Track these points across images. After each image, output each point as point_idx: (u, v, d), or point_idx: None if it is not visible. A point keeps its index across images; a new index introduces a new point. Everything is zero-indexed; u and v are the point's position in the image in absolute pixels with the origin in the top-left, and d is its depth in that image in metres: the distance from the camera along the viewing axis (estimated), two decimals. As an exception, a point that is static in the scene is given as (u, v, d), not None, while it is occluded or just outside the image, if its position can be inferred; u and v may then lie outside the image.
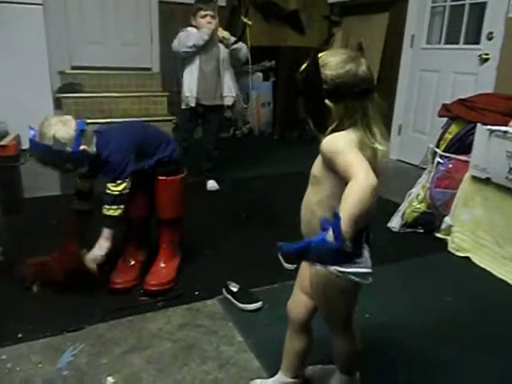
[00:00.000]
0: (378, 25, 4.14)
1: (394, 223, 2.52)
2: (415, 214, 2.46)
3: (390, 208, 2.69)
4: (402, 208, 2.54)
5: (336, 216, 0.90)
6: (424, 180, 2.50)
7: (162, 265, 1.87)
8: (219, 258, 2.13)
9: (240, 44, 3.02)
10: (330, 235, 0.90)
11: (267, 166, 3.78)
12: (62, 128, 1.62)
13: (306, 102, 1.06)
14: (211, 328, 1.61)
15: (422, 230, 2.48)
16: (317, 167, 1.07)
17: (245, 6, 4.73)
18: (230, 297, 1.76)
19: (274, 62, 4.91)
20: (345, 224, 0.89)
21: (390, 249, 2.29)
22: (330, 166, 1.01)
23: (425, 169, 2.58)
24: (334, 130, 1.01)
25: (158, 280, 1.79)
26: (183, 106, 3.02)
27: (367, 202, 0.90)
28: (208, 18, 2.89)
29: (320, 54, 1.03)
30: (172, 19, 4.75)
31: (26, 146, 2.59)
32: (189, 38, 2.88)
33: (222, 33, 2.93)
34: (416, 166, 3.48)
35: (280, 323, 1.63)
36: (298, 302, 1.25)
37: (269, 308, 1.74)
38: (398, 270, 2.10)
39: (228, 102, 3.04)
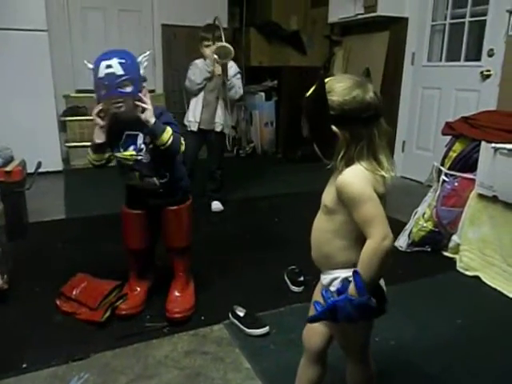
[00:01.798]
0: (378, 43, 4.18)
1: (401, 242, 2.49)
2: (422, 233, 2.43)
3: (396, 227, 2.63)
4: (408, 227, 2.52)
5: (356, 273, 0.94)
6: (430, 198, 2.48)
7: (179, 293, 1.84)
8: (225, 281, 2.11)
9: (231, 82, 3.05)
10: (352, 291, 0.94)
11: (271, 186, 3.78)
12: None
13: (312, 127, 1.06)
14: (218, 354, 1.59)
15: (429, 249, 2.45)
16: (330, 199, 1.05)
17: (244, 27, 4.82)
18: (236, 322, 1.73)
19: (276, 82, 4.95)
20: (366, 282, 0.94)
21: (398, 269, 2.26)
22: (346, 205, 1.00)
23: (431, 186, 2.57)
24: (341, 157, 1.00)
25: (180, 307, 1.77)
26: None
27: (386, 264, 0.95)
28: (212, 47, 2.94)
29: (327, 80, 1.02)
30: (175, 41, 4.82)
31: (31, 170, 2.62)
32: (196, 74, 2.99)
33: (218, 70, 2.99)
34: (420, 182, 3.47)
35: (288, 348, 1.62)
36: (314, 332, 1.22)
37: (276, 332, 1.71)
38: (406, 290, 2.06)
39: (217, 128, 3.05)
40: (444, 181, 2.40)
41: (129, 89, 1.54)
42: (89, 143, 1.73)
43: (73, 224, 2.79)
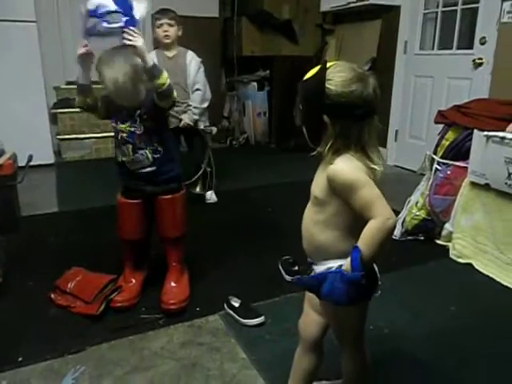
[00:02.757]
0: (371, 32, 4.16)
1: (394, 231, 2.51)
2: (415, 222, 2.45)
3: (390, 215, 2.67)
4: (401, 215, 2.53)
5: (355, 249, 0.94)
6: (423, 187, 2.49)
7: (174, 284, 1.84)
8: (219, 272, 2.11)
9: (195, 83, 3.05)
10: (346, 266, 0.94)
11: (264, 176, 3.77)
12: None
13: (304, 111, 1.04)
14: (214, 345, 1.59)
15: (422, 238, 2.47)
16: (319, 190, 1.04)
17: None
18: (231, 312, 1.74)
19: (268, 72, 4.92)
20: (364, 262, 0.93)
21: (392, 257, 2.27)
22: (339, 194, 0.99)
23: (423, 175, 2.58)
24: (328, 147, 0.99)
25: (176, 299, 1.77)
26: None
27: (387, 244, 0.95)
28: (165, 27, 2.78)
29: (329, 65, 0.99)
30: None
31: (22, 163, 2.59)
32: None
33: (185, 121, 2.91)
34: (413, 171, 3.49)
35: (283, 337, 1.63)
36: (310, 321, 1.23)
37: (271, 322, 1.72)
38: (400, 278, 2.08)
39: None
40: (437, 169, 2.41)
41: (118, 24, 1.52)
42: (80, 135, 1.72)
43: (65, 217, 2.77)
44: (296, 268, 2.03)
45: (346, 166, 0.98)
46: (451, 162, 2.37)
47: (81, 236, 2.47)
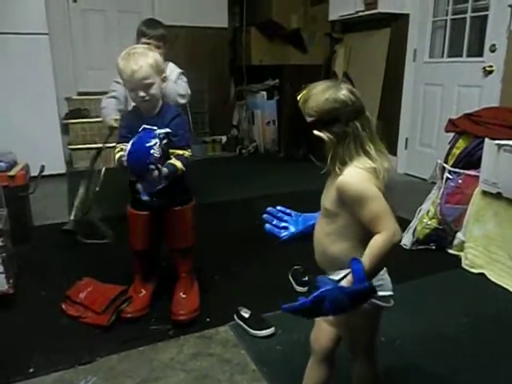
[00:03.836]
0: (379, 40, 4.17)
1: (405, 240, 2.49)
2: (426, 231, 2.42)
3: (400, 224, 2.65)
4: (412, 225, 2.51)
5: (355, 261, 0.95)
6: (434, 196, 2.47)
7: (184, 295, 1.85)
8: (229, 282, 2.11)
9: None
10: (347, 281, 0.95)
11: (274, 185, 3.77)
12: None
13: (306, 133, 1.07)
14: (224, 356, 1.59)
15: (434, 247, 2.45)
16: (329, 201, 1.05)
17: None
18: (241, 323, 1.73)
19: (277, 81, 4.94)
20: (368, 274, 0.94)
21: (403, 267, 2.24)
22: (349, 206, 1.00)
23: (434, 184, 2.56)
24: (332, 159, 1.02)
25: (186, 309, 1.77)
26: None
27: (390, 258, 0.98)
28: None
29: (307, 89, 1.06)
30: (176, 43, 4.81)
31: (34, 174, 2.62)
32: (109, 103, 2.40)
33: None
34: (424, 179, 3.47)
35: (294, 349, 1.62)
36: (322, 333, 1.22)
37: (282, 333, 1.71)
38: (411, 288, 2.06)
39: None
40: (448, 178, 2.39)
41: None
42: (92, 145, 1.74)
43: (77, 227, 2.78)
44: (306, 278, 2.02)
45: (354, 178, 0.99)
46: (462, 171, 2.35)
47: (92, 246, 2.48)
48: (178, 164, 1.65)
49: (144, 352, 1.61)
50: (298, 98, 1.06)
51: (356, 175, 1.00)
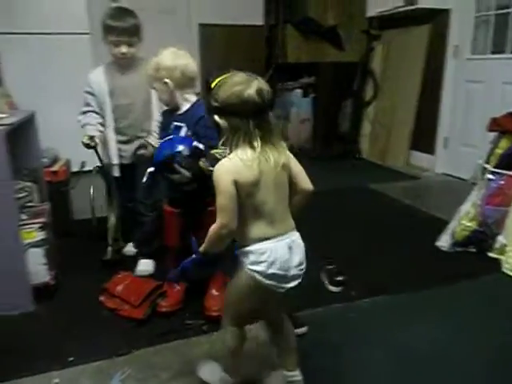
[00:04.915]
0: (419, 36, 4.06)
1: (443, 242, 2.42)
2: (466, 233, 2.35)
3: (438, 225, 2.60)
4: (451, 226, 2.44)
5: (192, 239, 1.27)
6: (474, 197, 2.39)
7: (217, 292, 1.86)
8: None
9: None
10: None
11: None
12: None
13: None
14: (255, 353, 1.59)
15: (473, 250, 2.37)
16: None
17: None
18: (274, 321, 1.73)
19: (313, 78, 4.90)
20: (204, 249, 1.25)
21: (439, 269, 2.21)
22: None
23: (475, 184, 2.48)
24: (223, 144, 1.20)
25: (219, 305, 1.76)
26: None
27: (218, 242, 1.22)
28: (122, 48, 2.02)
29: (225, 75, 1.21)
30: (212, 42, 4.86)
31: (75, 169, 2.71)
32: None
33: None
34: (464, 180, 3.36)
35: (325, 348, 1.61)
36: None
37: (313, 333, 1.70)
38: (448, 292, 2.01)
39: None
40: (489, 179, 2.31)
41: None
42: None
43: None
44: (340, 278, 2.00)
45: (219, 170, 1.17)
46: (505, 172, 2.27)
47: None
48: (202, 164, 1.64)
49: (178, 346, 1.64)
50: (214, 82, 1.20)
51: (221, 167, 1.17)
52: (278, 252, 1.21)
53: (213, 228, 1.19)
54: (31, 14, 3.63)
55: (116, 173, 2.19)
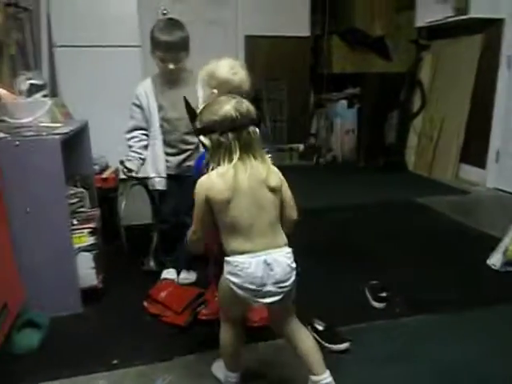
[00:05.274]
0: (470, 47, 3.94)
1: (494, 260, 2.32)
2: (519, 252, 2.24)
3: (489, 243, 2.49)
4: (503, 244, 2.33)
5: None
6: (528, 214, 2.28)
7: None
8: (301, 293, 2.07)
9: None
10: None
11: (351, 196, 3.70)
12: None
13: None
14: (296, 366, 1.57)
15: (527, 270, 2.26)
16: None
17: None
18: (315, 335, 1.71)
19: (358, 89, 4.85)
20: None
21: (488, 290, 2.12)
22: None
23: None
24: (212, 161, 1.28)
25: (259, 316, 1.78)
26: None
27: (192, 244, 1.38)
28: (171, 65, 2.04)
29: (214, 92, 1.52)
30: (258, 52, 4.91)
31: (123, 176, 2.79)
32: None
33: None
34: (518, 196, 3.22)
35: (367, 365, 1.58)
36: None
37: (356, 348, 1.67)
38: (499, 314, 1.91)
39: None
40: (545, 195, 2.20)
41: None
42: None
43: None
44: (384, 294, 1.95)
45: (199, 184, 1.28)
46: None
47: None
48: None
49: (219, 355, 1.65)
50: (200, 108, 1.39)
51: (202, 182, 1.28)
52: (250, 267, 1.25)
53: (188, 232, 1.37)
54: (86, 27, 3.81)
55: (162, 186, 2.18)
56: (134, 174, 2.11)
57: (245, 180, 1.25)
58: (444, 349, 1.67)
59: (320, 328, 1.71)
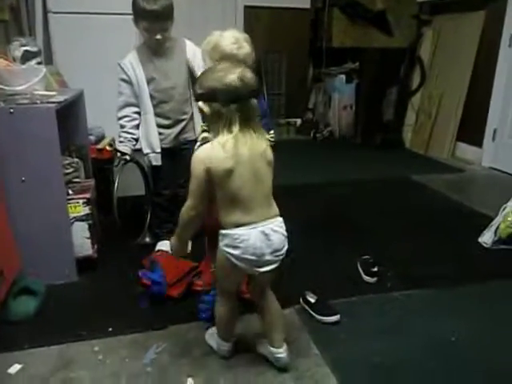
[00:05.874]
0: (472, 24, 3.89)
1: (486, 238, 2.35)
2: (510, 230, 2.27)
3: (481, 221, 2.52)
4: (495, 222, 2.36)
5: None
6: (522, 193, 2.30)
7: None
8: (297, 266, 2.11)
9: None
10: None
11: (346, 171, 3.70)
12: None
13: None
14: (288, 338, 1.59)
15: (517, 248, 2.29)
16: None
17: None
18: (307, 307, 1.75)
19: (357, 64, 4.79)
20: (176, 233, 1.39)
21: (479, 267, 2.15)
22: None
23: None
24: (210, 130, 1.27)
25: None
26: None
27: (188, 223, 1.33)
28: (157, 35, 1.96)
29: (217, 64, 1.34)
30: (257, 23, 4.82)
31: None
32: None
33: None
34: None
35: (358, 338, 1.61)
36: None
37: (347, 321, 1.71)
38: (489, 290, 1.95)
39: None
40: (540, 175, 2.21)
41: None
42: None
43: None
44: (376, 269, 1.98)
45: (196, 156, 1.24)
46: (558, 169, 2.16)
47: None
48: None
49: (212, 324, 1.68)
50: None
51: (198, 153, 1.24)
52: (250, 239, 1.26)
53: (183, 209, 1.29)
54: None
55: (157, 161, 2.16)
56: (127, 158, 2.09)
57: (245, 151, 1.23)
58: (435, 323, 1.71)
59: (312, 300, 1.74)
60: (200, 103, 1.24)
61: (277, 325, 1.46)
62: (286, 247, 1.36)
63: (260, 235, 1.28)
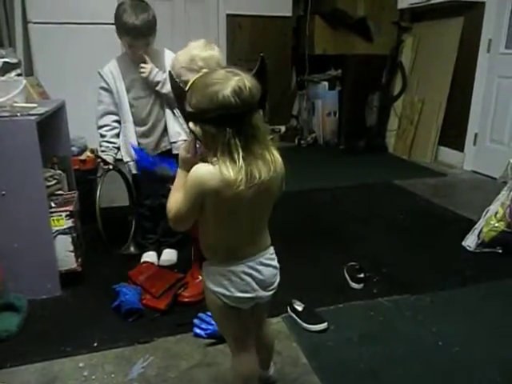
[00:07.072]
0: (451, 30, 3.96)
1: (469, 242, 2.38)
2: (493, 233, 2.30)
3: (464, 225, 2.55)
4: (478, 226, 2.39)
5: None
6: (503, 196, 2.34)
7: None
8: (282, 274, 2.09)
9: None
10: None
11: (331, 178, 3.72)
12: None
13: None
14: (276, 348, 1.59)
15: (500, 251, 2.32)
16: None
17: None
18: (294, 316, 1.74)
19: (340, 71, 4.84)
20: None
21: (464, 270, 2.17)
22: None
23: (505, 183, 2.42)
24: (206, 151, 1.02)
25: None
26: None
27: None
28: (139, 50, 1.98)
29: (203, 74, 1.03)
30: (239, 32, 4.85)
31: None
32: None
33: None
34: (494, 178, 3.28)
35: (346, 345, 1.62)
36: None
37: (334, 329, 1.71)
38: (473, 293, 1.97)
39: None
40: (520, 178, 2.25)
41: None
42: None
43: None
44: (362, 275, 1.99)
45: (202, 169, 1.00)
46: (537, 172, 2.20)
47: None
48: None
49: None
50: (191, 81, 1.02)
51: (201, 169, 1.00)
52: (240, 276, 1.11)
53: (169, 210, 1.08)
54: (63, 3, 3.69)
55: (137, 170, 2.13)
56: (110, 167, 2.10)
57: (249, 191, 1.01)
58: (421, 328, 1.72)
59: (299, 309, 1.74)
60: (190, 124, 1.00)
61: (270, 351, 1.40)
62: (278, 279, 1.22)
63: (251, 271, 1.12)
